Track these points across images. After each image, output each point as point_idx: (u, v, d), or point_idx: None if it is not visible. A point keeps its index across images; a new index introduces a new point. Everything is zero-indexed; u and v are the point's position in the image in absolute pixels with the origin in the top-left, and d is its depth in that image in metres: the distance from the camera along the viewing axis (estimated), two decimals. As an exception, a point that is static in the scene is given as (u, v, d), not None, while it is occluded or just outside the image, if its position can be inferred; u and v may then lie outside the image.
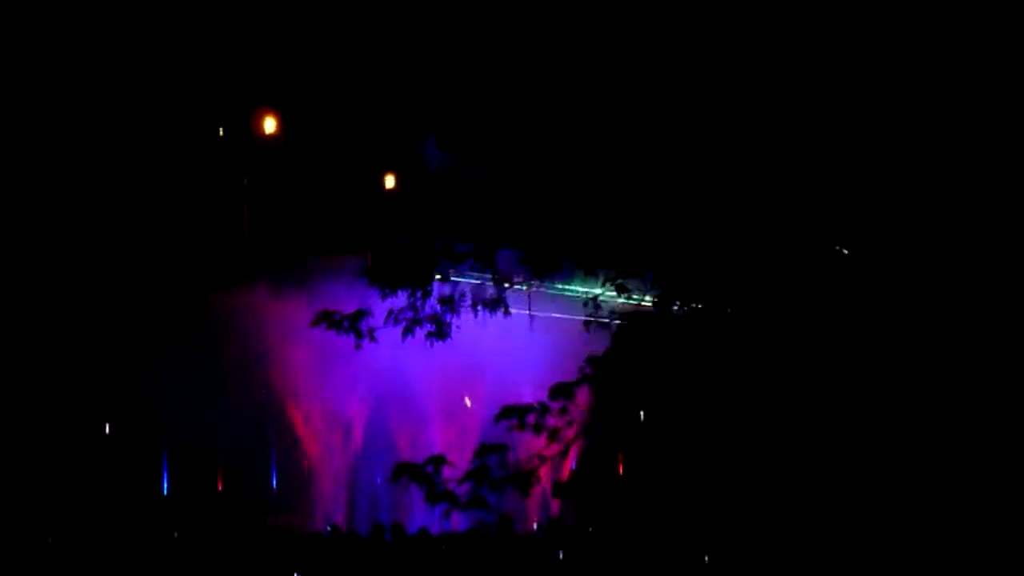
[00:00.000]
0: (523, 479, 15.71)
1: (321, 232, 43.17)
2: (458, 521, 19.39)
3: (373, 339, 16.06)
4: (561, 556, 22.24)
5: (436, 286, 16.16)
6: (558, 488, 15.77)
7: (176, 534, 32.25)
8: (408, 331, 16.07)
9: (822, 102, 15.22)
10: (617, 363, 15.75)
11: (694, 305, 15.70)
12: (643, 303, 15.90)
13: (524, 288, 16.27)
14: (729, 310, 15.50)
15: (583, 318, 16.16)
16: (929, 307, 15.11)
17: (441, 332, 16.12)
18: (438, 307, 16.13)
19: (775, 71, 15.25)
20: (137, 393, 42.44)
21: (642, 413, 15.77)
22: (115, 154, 43.20)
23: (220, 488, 42.72)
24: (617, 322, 15.99)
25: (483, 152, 16.34)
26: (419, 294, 16.07)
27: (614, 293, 16.05)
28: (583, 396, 15.85)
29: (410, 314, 16.09)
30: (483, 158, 16.31)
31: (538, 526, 27.69)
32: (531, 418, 15.80)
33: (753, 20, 15.38)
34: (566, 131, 16.15)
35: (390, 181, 39.65)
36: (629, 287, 16.03)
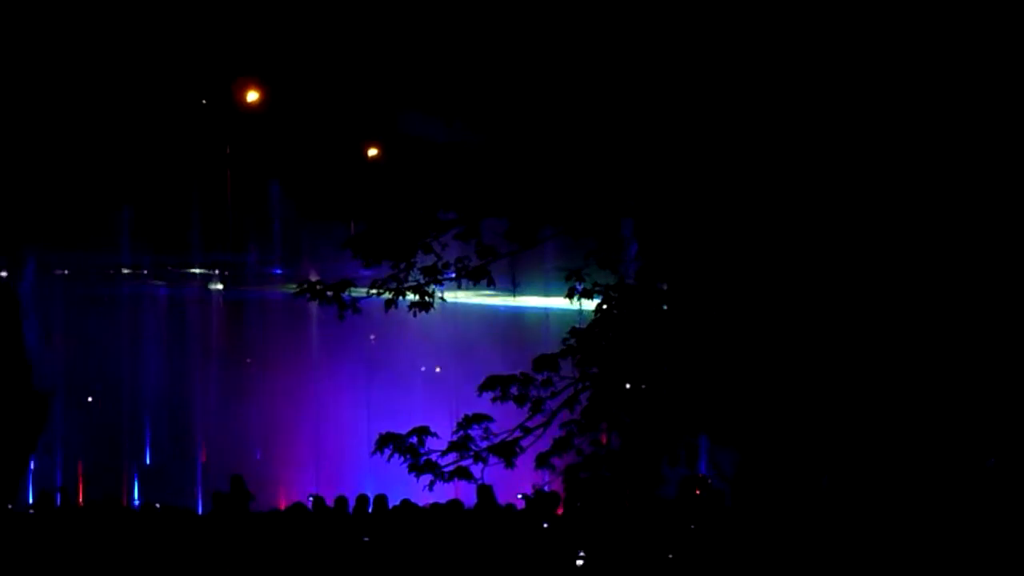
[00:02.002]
0: (507, 450, 15.67)
1: (304, 201, 43.06)
2: (446, 492, 19.35)
3: (356, 310, 15.99)
4: (545, 526, 22.21)
5: (420, 256, 16.08)
6: (541, 459, 15.72)
7: (158, 505, 32.21)
8: (391, 303, 16.00)
9: (822, 82, 15.11)
10: (600, 335, 15.71)
11: (675, 279, 15.66)
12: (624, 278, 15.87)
13: (509, 258, 16.20)
14: (710, 284, 15.45)
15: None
16: (924, 297, 15.05)
17: (424, 303, 16.05)
18: (421, 277, 16.05)
19: (768, 50, 15.15)
20: (118, 364, 42.38)
21: (626, 384, 15.72)
22: (99, 126, 43.05)
23: (203, 458, 42.71)
24: (600, 294, 15.94)
25: (468, 118, 16.22)
26: (402, 265, 16.00)
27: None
28: (567, 368, 15.80)
29: (393, 285, 16.02)
30: (468, 124, 16.20)
31: (522, 497, 27.70)
32: (514, 389, 15.77)
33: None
34: (553, 98, 16.04)
35: (374, 150, 39.52)
36: (612, 259, 15.98)
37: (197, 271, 44.97)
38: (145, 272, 44.49)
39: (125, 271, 44.11)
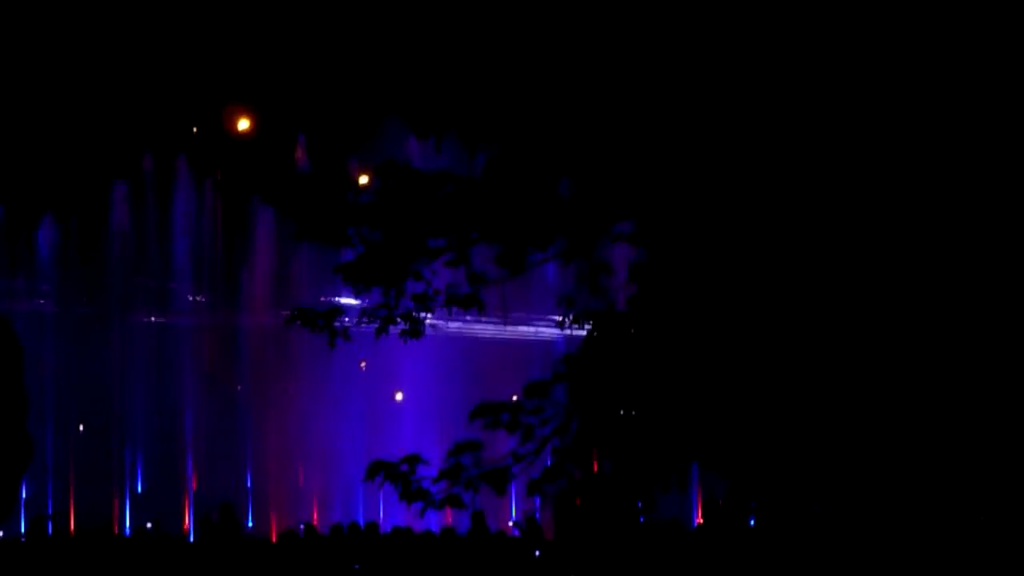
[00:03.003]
0: (499, 477, 15.63)
1: (294, 227, 43.01)
2: (437, 520, 19.33)
3: (347, 338, 15.96)
4: (537, 554, 22.21)
5: (410, 283, 16.05)
6: (532, 486, 15.69)
7: (149, 524, 32.19)
8: (382, 330, 15.97)
9: (820, 86, 15.01)
10: (592, 361, 15.67)
11: (666, 306, 15.62)
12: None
13: (499, 285, 16.17)
14: (700, 311, 15.40)
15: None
16: (926, 304, 14.97)
17: (415, 331, 16.03)
18: (412, 304, 16.02)
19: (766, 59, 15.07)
20: (109, 392, 42.34)
21: (619, 411, 15.68)
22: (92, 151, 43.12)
23: (195, 486, 42.64)
24: (591, 320, 15.91)
25: (459, 139, 16.22)
26: (393, 292, 15.97)
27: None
28: (558, 394, 15.75)
29: (384, 312, 15.99)
30: (458, 146, 16.20)
31: (514, 524, 27.68)
32: (505, 416, 15.71)
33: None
34: (543, 117, 16.00)
35: (363, 175, 39.55)
36: (603, 285, 15.94)
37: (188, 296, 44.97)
38: (138, 297, 44.50)
39: (116, 291, 44.13)
